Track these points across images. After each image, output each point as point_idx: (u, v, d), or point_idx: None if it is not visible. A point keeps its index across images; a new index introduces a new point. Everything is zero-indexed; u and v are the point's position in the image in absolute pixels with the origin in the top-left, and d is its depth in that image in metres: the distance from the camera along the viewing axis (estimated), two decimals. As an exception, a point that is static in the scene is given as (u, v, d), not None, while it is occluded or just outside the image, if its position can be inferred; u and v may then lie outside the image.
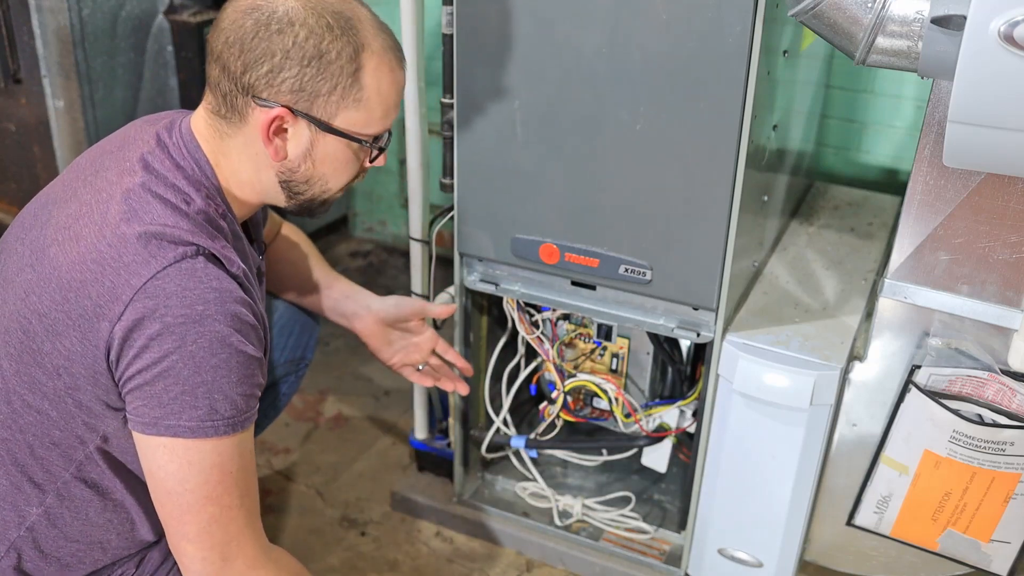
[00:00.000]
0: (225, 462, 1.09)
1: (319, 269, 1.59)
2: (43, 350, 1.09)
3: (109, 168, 1.15)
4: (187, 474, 1.07)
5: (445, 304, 1.66)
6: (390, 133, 1.20)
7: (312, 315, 1.63)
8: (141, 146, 1.16)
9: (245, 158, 1.16)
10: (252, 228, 1.32)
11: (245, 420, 1.10)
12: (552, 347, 1.68)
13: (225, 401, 1.07)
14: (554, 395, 1.71)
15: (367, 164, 1.22)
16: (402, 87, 1.19)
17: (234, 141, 1.15)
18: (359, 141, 1.15)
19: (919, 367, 1.38)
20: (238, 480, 1.11)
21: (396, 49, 1.16)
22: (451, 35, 1.46)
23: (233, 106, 1.12)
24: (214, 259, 1.08)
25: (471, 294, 1.67)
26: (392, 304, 1.58)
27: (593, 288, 1.55)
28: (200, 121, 1.17)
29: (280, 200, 1.21)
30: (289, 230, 1.60)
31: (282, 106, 1.10)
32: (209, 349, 1.05)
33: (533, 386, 1.82)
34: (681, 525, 1.73)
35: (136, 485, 1.19)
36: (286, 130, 1.12)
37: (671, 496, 1.85)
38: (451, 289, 1.72)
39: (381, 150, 1.20)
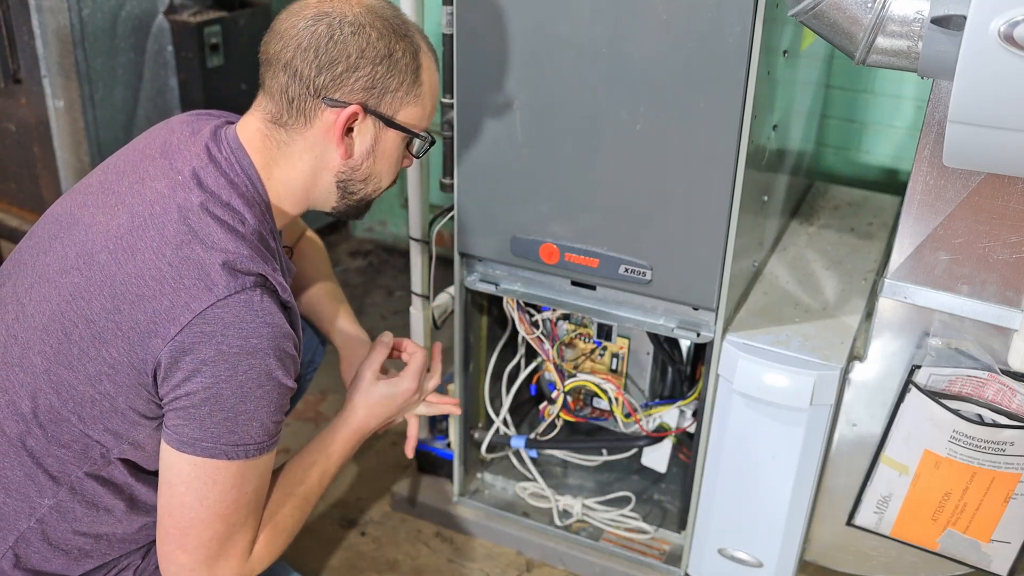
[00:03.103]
0: (245, 483, 1.14)
1: (335, 307, 1.59)
2: (85, 355, 1.10)
3: (156, 177, 1.16)
4: (209, 491, 1.12)
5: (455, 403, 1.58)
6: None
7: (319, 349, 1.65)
8: (190, 158, 1.17)
9: (303, 163, 1.20)
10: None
11: (273, 443, 1.17)
12: (552, 347, 1.68)
13: (261, 428, 1.13)
14: (554, 395, 1.71)
15: (405, 162, 1.30)
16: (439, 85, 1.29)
17: (293, 148, 1.20)
18: (415, 135, 1.24)
19: (919, 367, 1.38)
20: (251, 500, 1.16)
21: (435, 49, 1.27)
22: (451, 35, 1.46)
23: (300, 110, 1.17)
24: (269, 288, 1.12)
25: (471, 294, 1.67)
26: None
27: (593, 288, 1.55)
28: (252, 131, 1.21)
29: (330, 203, 1.26)
30: (308, 243, 1.60)
31: (356, 104, 1.16)
32: (257, 381, 1.10)
33: (533, 386, 1.82)
34: (681, 525, 1.73)
35: (152, 487, 1.20)
36: (352, 129, 1.19)
37: (671, 496, 1.85)
38: (451, 289, 1.72)
39: (432, 143, 1.28)
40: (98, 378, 1.10)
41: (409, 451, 1.55)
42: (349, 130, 1.19)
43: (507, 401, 1.78)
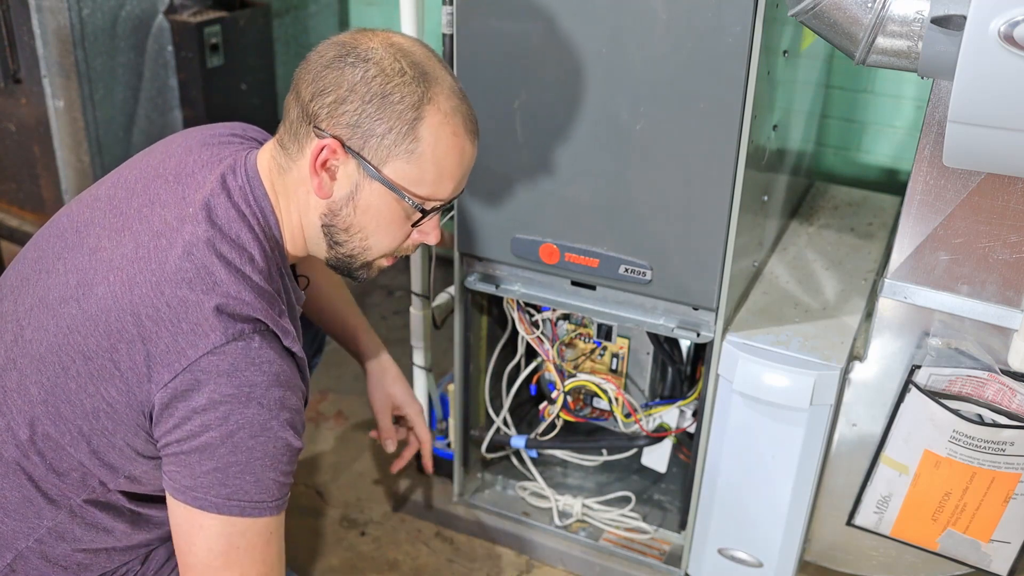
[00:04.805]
0: (236, 540, 1.08)
1: (355, 325, 1.60)
2: (83, 391, 1.07)
3: (166, 203, 1.12)
4: (196, 537, 1.08)
5: (429, 462, 1.67)
6: (443, 205, 1.15)
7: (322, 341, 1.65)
8: (204, 186, 1.12)
9: (297, 196, 1.14)
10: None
11: (276, 506, 1.10)
12: (552, 347, 1.68)
13: (256, 484, 1.07)
14: (554, 395, 1.71)
15: (415, 236, 1.17)
16: (467, 158, 1.14)
17: (290, 176, 1.13)
18: (403, 196, 1.10)
19: (919, 367, 1.38)
20: (245, 561, 1.09)
21: (468, 118, 1.13)
22: (451, 35, 1.46)
23: (296, 135, 1.11)
24: (270, 334, 1.07)
25: (471, 294, 1.67)
26: (400, 404, 1.62)
27: (593, 288, 1.55)
28: (266, 155, 1.16)
29: (322, 249, 1.18)
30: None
31: (334, 137, 1.07)
32: (249, 431, 1.04)
33: (533, 386, 1.82)
34: (681, 525, 1.73)
35: (155, 506, 1.18)
36: (336, 168, 1.10)
37: (671, 496, 1.85)
38: (451, 289, 1.72)
39: (424, 213, 1.13)
40: (95, 414, 1.07)
41: (428, 466, 1.64)
42: (335, 168, 1.10)
43: (507, 401, 1.78)
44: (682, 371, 1.73)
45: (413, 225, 1.16)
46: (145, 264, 1.07)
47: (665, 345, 1.68)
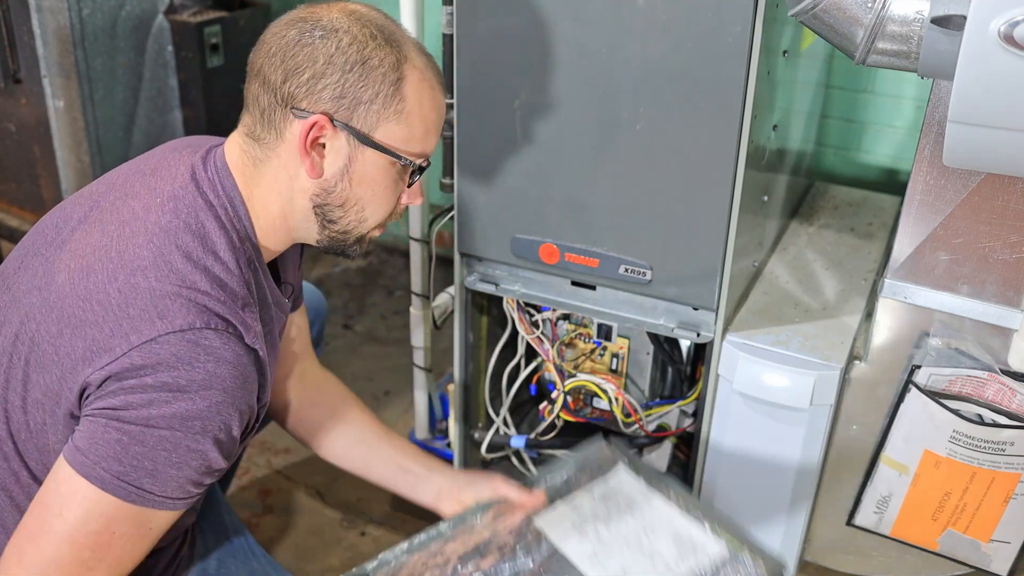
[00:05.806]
0: (113, 523, 1.02)
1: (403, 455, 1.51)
2: (29, 380, 1.04)
3: (138, 195, 1.10)
4: (72, 506, 1.01)
5: (529, 495, 1.39)
6: (429, 161, 1.15)
7: (321, 300, 1.63)
8: (175, 178, 1.10)
9: (279, 185, 1.11)
10: (280, 267, 1.26)
11: (163, 502, 1.03)
12: (552, 347, 1.68)
13: (151, 474, 1.01)
14: (554, 395, 1.71)
15: (403, 199, 1.17)
16: (443, 111, 1.15)
17: (267, 166, 1.10)
18: (399, 157, 1.10)
19: (919, 367, 1.38)
20: (116, 547, 1.04)
21: (437, 71, 1.13)
22: (451, 35, 1.46)
23: (271, 122, 1.08)
24: (229, 333, 1.02)
25: (471, 294, 1.67)
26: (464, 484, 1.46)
27: (593, 288, 1.55)
28: (234, 148, 1.13)
29: (312, 233, 1.15)
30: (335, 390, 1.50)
31: (322, 113, 1.06)
32: (168, 422, 0.99)
33: (533, 386, 1.82)
34: (681, 525, 1.73)
35: None
36: (324, 145, 1.08)
37: (671, 496, 1.85)
38: (451, 289, 1.72)
39: (422, 169, 1.14)
40: (38, 407, 1.04)
41: None
42: (323, 145, 1.08)
43: (507, 401, 1.78)
44: (682, 371, 1.73)
45: (407, 184, 1.16)
46: (106, 252, 1.04)
47: (665, 345, 1.68)
